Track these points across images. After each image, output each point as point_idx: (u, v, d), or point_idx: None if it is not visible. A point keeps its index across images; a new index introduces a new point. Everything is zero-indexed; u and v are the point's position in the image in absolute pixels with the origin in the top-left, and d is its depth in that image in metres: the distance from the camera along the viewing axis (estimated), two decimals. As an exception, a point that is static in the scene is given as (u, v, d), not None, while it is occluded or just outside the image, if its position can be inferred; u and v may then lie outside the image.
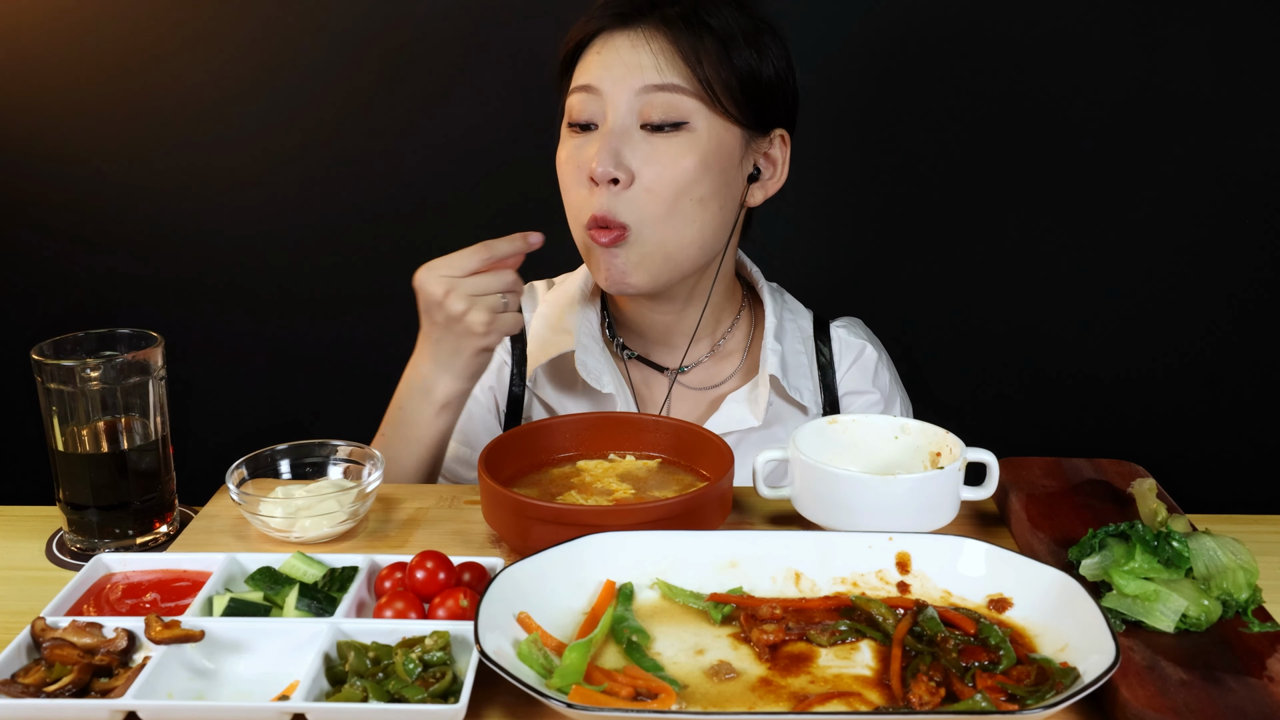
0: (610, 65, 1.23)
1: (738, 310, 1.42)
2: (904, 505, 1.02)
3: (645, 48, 1.22)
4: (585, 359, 1.35)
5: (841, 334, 1.44)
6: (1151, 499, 0.99)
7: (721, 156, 1.24)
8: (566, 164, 1.27)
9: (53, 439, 1.07)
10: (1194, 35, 1.95)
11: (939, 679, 0.81)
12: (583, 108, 1.24)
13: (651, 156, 1.22)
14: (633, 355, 1.40)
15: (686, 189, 1.22)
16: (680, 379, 1.39)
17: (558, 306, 1.41)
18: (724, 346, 1.40)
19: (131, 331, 1.11)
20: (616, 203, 1.22)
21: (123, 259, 2.15)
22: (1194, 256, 2.06)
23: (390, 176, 2.10)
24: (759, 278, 1.42)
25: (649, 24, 1.23)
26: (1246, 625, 0.87)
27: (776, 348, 1.36)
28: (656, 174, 1.22)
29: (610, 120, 1.22)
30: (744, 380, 1.39)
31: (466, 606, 0.88)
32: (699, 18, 1.22)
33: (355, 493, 1.08)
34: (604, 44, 1.24)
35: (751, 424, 1.33)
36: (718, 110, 1.23)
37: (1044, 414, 2.16)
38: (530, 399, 1.41)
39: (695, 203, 1.24)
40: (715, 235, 1.29)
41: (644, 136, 1.22)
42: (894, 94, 2.03)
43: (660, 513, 0.98)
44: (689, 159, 1.22)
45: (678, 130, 1.22)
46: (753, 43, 1.24)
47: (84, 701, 0.79)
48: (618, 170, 1.21)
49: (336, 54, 2.03)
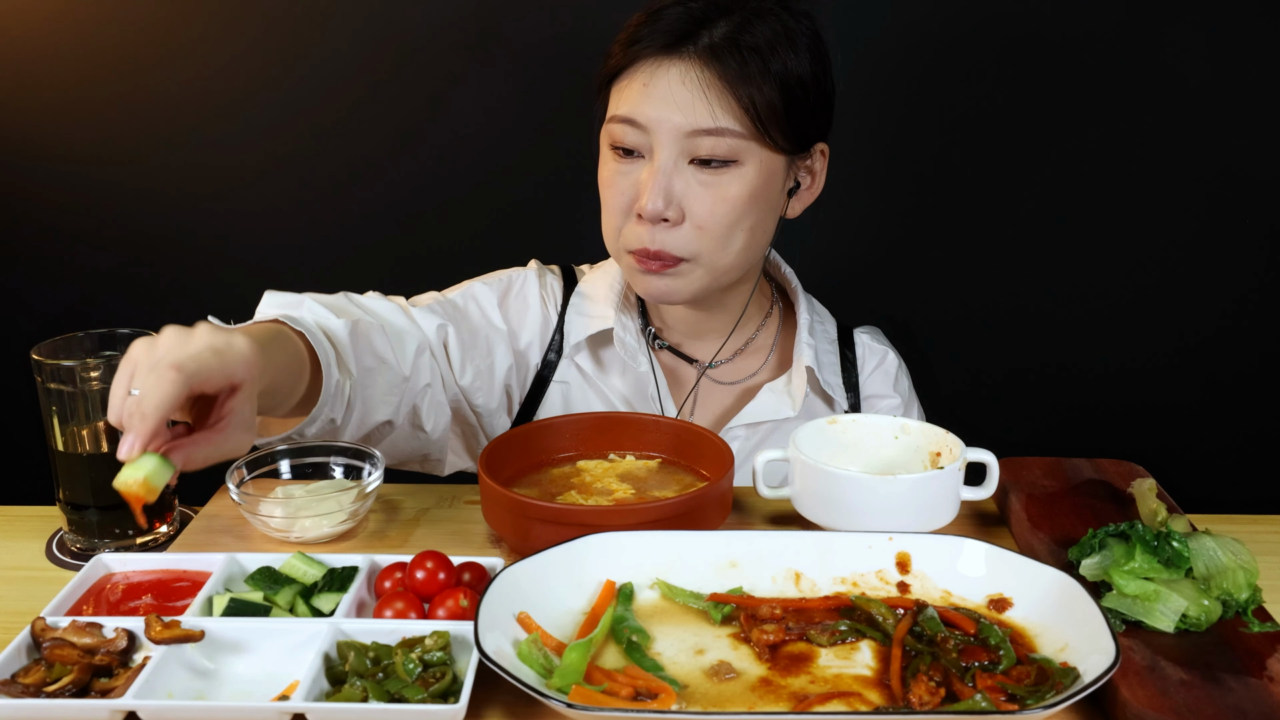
0: (657, 103, 1.20)
1: (767, 308, 1.44)
2: (904, 505, 1.02)
3: (696, 87, 1.19)
4: (624, 336, 1.36)
5: (865, 339, 1.46)
6: (1151, 499, 0.99)
7: (768, 186, 1.25)
8: (611, 188, 1.26)
9: (53, 439, 1.07)
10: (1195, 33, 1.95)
11: (939, 679, 0.81)
12: (628, 136, 1.23)
13: (702, 194, 1.21)
14: (664, 345, 1.41)
15: (736, 222, 1.23)
16: (708, 373, 1.40)
17: (599, 288, 1.41)
18: (752, 345, 1.42)
19: (131, 331, 1.11)
20: (668, 239, 1.23)
21: (123, 259, 2.14)
22: (1194, 256, 2.06)
23: (391, 177, 2.10)
24: (793, 279, 1.44)
25: (698, 55, 1.19)
26: (1246, 625, 0.87)
27: (811, 342, 1.37)
28: (708, 211, 1.21)
29: (659, 158, 1.21)
30: (773, 375, 1.40)
31: (466, 606, 0.88)
32: (743, 41, 1.19)
33: (355, 493, 1.08)
34: (650, 75, 1.21)
35: (788, 414, 1.34)
36: (765, 144, 1.22)
37: (1044, 414, 2.16)
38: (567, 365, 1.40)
39: (745, 233, 1.25)
40: (759, 252, 1.31)
41: (693, 172, 1.21)
42: (893, 95, 2.03)
43: (660, 513, 0.98)
44: (737, 193, 1.22)
45: (726, 167, 1.21)
46: (791, 46, 1.22)
47: (84, 701, 0.79)
48: (669, 210, 1.21)
49: (338, 57, 2.03)
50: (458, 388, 1.32)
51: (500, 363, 1.36)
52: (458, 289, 1.40)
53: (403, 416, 1.23)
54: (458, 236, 2.11)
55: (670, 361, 1.41)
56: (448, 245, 2.11)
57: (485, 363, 1.35)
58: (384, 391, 1.19)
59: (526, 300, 1.40)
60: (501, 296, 1.39)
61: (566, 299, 1.40)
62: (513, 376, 1.38)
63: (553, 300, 1.40)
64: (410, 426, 1.26)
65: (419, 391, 1.24)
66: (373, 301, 1.27)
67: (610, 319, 1.36)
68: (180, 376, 0.83)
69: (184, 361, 0.84)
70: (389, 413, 1.20)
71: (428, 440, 1.29)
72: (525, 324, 1.39)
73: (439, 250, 2.12)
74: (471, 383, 1.33)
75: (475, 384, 1.33)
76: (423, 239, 2.11)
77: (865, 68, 2.01)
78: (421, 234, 2.11)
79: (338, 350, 1.13)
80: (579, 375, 1.39)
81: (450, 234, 2.11)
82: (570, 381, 1.39)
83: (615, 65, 1.25)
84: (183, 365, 0.84)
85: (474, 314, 1.36)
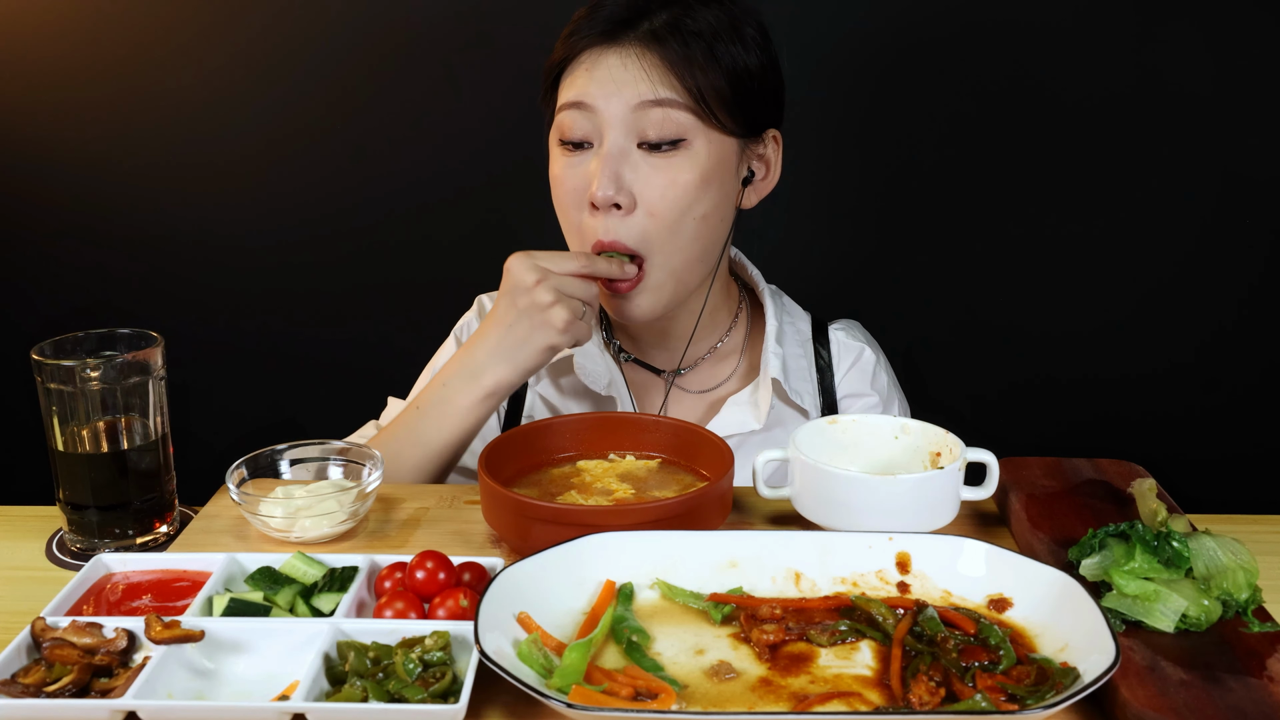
0: (602, 82, 1.21)
1: (734, 311, 1.42)
2: (904, 505, 1.02)
3: (636, 64, 1.20)
4: (584, 362, 1.35)
5: (840, 336, 1.43)
6: (1151, 499, 0.99)
7: (720, 170, 1.24)
8: (562, 183, 1.26)
9: (53, 439, 1.07)
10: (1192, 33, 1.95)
11: (939, 679, 0.81)
12: (575, 125, 1.23)
13: (652, 178, 1.21)
14: (629, 358, 1.40)
15: (688, 208, 1.22)
16: (678, 381, 1.39)
17: None
18: (721, 349, 1.40)
19: (131, 331, 1.11)
20: (620, 228, 1.22)
21: (123, 259, 2.15)
22: (1194, 256, 2.06)
23: (391, 177, 2.10)
24: (759, 280, 1.42)
25: (637, 40, 1.21)
26: (1246, 625, 0.87)
27: (778, 350, 1.35)
28: (659, 195, 1.21)
29: (607, 141, 1.21)
30: (742, 383, 1.39)
31: (466, 606, 0.88)
32: (685, 25, 1.21)
33: (355, 493, 1.08)
34: (593, 61, 1.22)
35: (753, 427, 1.33)
36: (713, 124, 1.22)
37: (1044, 414, 2.16)
38: (533, 397, 1.41)
39: (698, 221, 1.24)
40: (715, 246, 1.29)
41: (642, 156, 1.21)
42: (887, 94, 2.03)
43: (660, 513, 0.98)
44: (688, 176, 1.21)
45: (676, 149, 1.21)
46: (738, 38, 1.23)
47: (84, 701, 0.79)
48: (619, 194, 1.20)
49: (335, 55, 2.04)
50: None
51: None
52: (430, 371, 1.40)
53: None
54: (458, 236, 2.11)
55: (638, 375, 1.40)
56: (448, 245, 2.11)
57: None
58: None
59: None
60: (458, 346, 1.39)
61: None
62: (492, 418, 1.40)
63: None
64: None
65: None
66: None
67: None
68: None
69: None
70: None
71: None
72: None
73: (439, 250, 2.12)
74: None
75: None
76: (423, 238, 2.12)
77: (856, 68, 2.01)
78: (423, 234, 2.12)
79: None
80: (544, 407, 1.39)
81: (450, 234, 2.11)
82: (535, 416, 1.39)
83: (558, 58, 1.26)
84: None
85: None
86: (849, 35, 2.00)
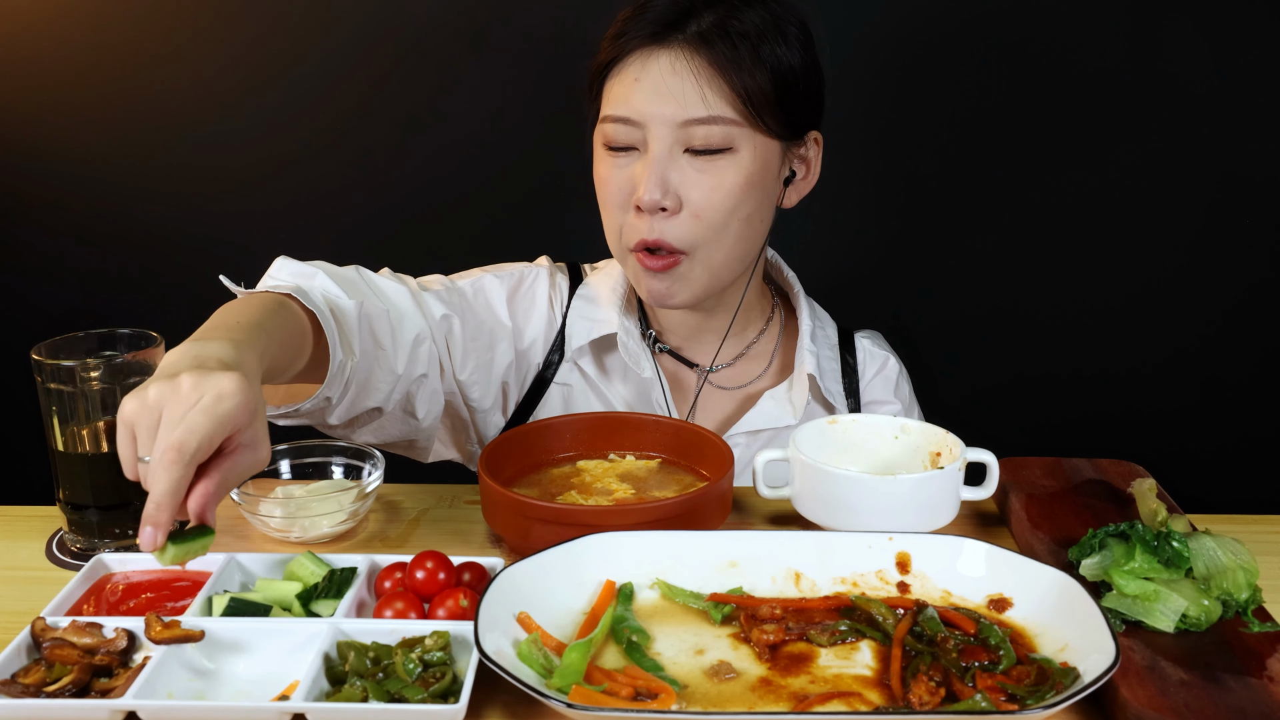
0: (650, 97, 1.20)
1: (768, 312, 1.43)
2: (904, 505, 1.02)
3: (687, 74, 1.19)
4: (627, 341, 1.36)
5: (866, 344, 1.45)
6: (1151, 499, 0.99)
7: (764, 173, 1.25)
8: (607, 184, 1.26)
9: (53, 439, 1.07)
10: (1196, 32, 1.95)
11: (939, 679, 0.81)
12: (621, 135, 1.23)
13: (698, 181, 1.21)
14: (665, 349, 1.40)
15: (733, 210, 1.23)
16: (710, 378, 1.40)
17: (602, 290, 1.40)
18: (754, 349, 1.41)
19: (131, 331, 1.11)
20: (666, 228, 1.22)
21: (123, 259, 2.14)
22: (1194, 256, 2.06)
23: (392, 177, 2.10)
24: (794, 282, 1.43)
25: (685, 43, 1.20)
26: (1246, 625, 0.87)
27: (813, 349, 1.37)
28: (704, 198, 1.21)
29: (654, 149, 1.21)
30: (775, 380, 1.40)
31: (466, 606, 0.88)
32: (731, 27, 1.20)
33: (355, 493, 1.08)
34: (641, 68, 1.21)
35: (789, 422, 1.34)
36: (759, 128, 1.22)
37: (1044, 414, 2.16)
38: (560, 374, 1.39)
39: (742, 221, 1.24)
40: (756, 244, 1.30)
41: (688, 160, 1.22)
42: (892, 97, 2.03)
43: (660, 513, 0.98)
44: (734, 179, 1.22)
45: (722, 154, 1.22)
46: (781, 37, 1.23)
47: (84, 701, 0.79)
48: (665, 199, 1.21)
49: (338, 56, 2.04)
50: (455, 381, 1.32)
51: (500, 359, 1.36)
52: (468, 277, 1.38)
53: (394, 404, 1.23)
54: (459, 236, 2.11)
55: (671, 366, 1.41)
56: (448, 245, 2.10)
57: (486, 357, 1.34)
58: (379, 377, 1.19)
59: (534, 298, 1.39)
60: (511, 292, 1.38)
61: (571, 299, 1.40)
62: (511, 374, 1.37)
63: (559, 300, 1.40)
64: (401, 412, 1.25)
65: (414, 380, 1.24)
66: (383, 281, 1.26)
67: (614, 323, 1.36)
68: (181, 456, 0.83)
69: (182, 441, 0.83)
70: (380, 399, 1.20)
71: (417, 427, 1.29)
72: (530, 322, 1.38)
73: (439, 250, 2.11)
74: (470, 376, 1.32)
75: (474, 378, 1.33)
76: (423, 238, 2.11)
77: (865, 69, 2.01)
78: (422, 232, 2.12)
79: (344, 329, 1.12)
80: (581, 379, 1.39)
81: (451, 233, 2.11)
82: (572, 384, 1.39)
83: (605, 59, 1.25)
84: (182, 445, 0.83)
85: (481, 307, 1.35)
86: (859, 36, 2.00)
